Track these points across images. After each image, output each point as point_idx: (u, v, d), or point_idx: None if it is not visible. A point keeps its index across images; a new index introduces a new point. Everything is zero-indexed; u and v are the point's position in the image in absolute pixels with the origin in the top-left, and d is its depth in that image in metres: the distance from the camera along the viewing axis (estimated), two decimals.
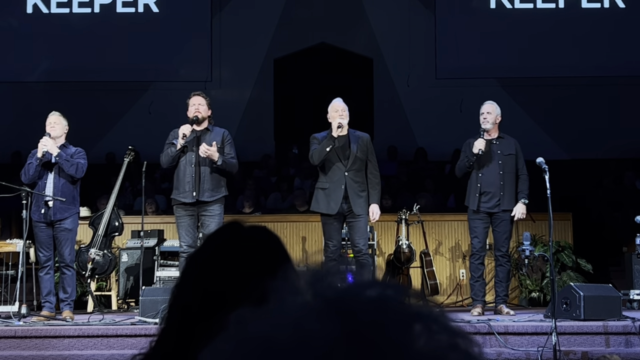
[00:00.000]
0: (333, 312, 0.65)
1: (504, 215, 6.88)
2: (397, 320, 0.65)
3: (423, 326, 0.65)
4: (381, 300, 0.67)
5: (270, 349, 0.63)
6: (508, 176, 6.91)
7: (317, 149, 6.54)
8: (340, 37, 13.47)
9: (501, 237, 6.92)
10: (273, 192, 11.41)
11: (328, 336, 0.63)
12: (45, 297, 6.81)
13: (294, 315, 0.65)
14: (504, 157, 6.91)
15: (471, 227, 6.99)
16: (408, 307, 0.67)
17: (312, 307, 0.66)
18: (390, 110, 13.34)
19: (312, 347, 0.63)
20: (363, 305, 0.66)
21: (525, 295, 8.49)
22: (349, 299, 0.66)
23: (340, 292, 0.68)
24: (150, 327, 5.87)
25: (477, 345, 0.66)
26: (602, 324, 5.91)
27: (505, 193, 6.87)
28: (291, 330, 0.64)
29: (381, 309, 0.66)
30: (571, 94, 12.84)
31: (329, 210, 6.53)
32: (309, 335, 0.63)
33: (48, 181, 6.73)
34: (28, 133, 8.02)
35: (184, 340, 1.27)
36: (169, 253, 8.11)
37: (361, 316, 0.64)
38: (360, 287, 0.69)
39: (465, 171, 6.96)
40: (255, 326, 0.65)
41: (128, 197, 11.06)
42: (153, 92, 13.23)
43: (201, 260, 1.35)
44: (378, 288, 0.68)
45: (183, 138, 6.43)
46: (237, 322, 0.67)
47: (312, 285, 0.68)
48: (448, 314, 0.68)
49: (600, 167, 11.77)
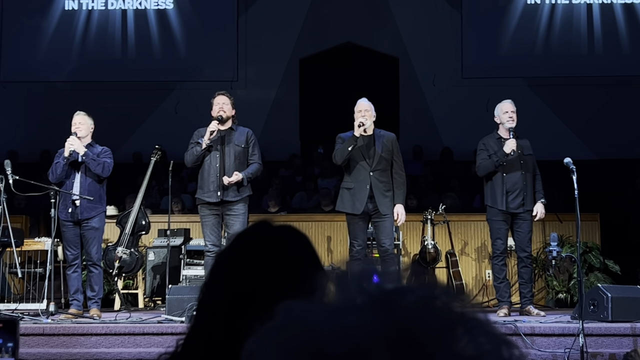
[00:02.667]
0: (378, 308, 0.66)
1: (527, 215, 6.82)
2: (440, 321, 0.65)
3: (465, 329, 0.65)
4: (426, 300, 0.67)
5: (314, 338, 0.65)
6: (529, 176, 6.86)
7: (340, 149, 6.53)
8: (365, 37, 13.45)
9: (525, 237, 6.85)
10: (298, 192, 11.43)
11: (371, 330, 0.64)
12: (73, 295, 6.87)
13: (340, 308, 0.67)
14: (524, 157, 6.86)
15: (493, 229, 6.89)
16: (452, 310, 0.67)
17: (358, 302, 0.67)
18: (416, 110, 13.30)
19: (355, 338, 0.64)
20: (408, 304, 0.67)
21: (552, 296, 8.42)
22: (394, 298, 0.67)
23: (387, 291, 0.69)
24: (176, 326, 5.91)
25: (519, 351, 0.66)
26: (630, 325, 5.85)
27: (527, 193, 6.82)
28: (336, 323, 0.65)
29: (425, 309, 0.66)
30: (599, 93, 12.72)
31: (354, 210, 6.52)
32: (352, 328, 0.64)
33: (75, 180, 6.78)
34: (56, 132, 8.09)
35: (213, 339, 1.27)
36: (195, 252, 8.15)
37: (405, 314, 0.65)
38: (407, 287, 0.70)
39: (490, 170, 6.86)
40: (302, 317, 0.67)
41: (155, 196, 11.14)
42: (179, 91, 13.31)
43: (230, 259, 1.36)
44: (424, 289, 0.69)
45: (210, 135, 6.45)
46: (285, 312, 0.69)
47: (359, 283, 0.69)
48: (491, 319, 0.68)
49: (628, 167, 11.64)
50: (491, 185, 6.88)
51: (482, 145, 6.96)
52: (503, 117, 6.89)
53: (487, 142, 6.92)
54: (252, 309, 1.24)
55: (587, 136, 12.69)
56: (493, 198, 6.86)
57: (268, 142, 11.70)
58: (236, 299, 1.27)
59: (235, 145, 6.62)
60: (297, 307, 0.69)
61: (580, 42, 12.91)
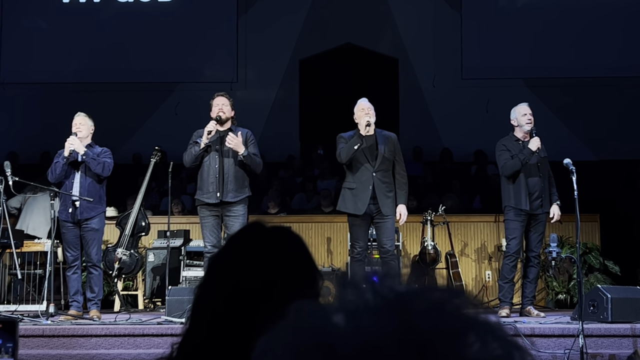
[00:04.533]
0: (391, 310, 0.66)
1: (543, 217, 6.86)
2: (453, 325, 0.65)
3: (478, 334, 0.65)
4: (439, 304, 0.67)
5: (328, 339, 0.65)
6: (545, 178, 6.90)
7: (345, 147, 6.51)
8: (365, 38, 13.45)
9: (537, 238, 6.89)
10: (298, 193, 11.43)
11: (384, 331, 0.64)
12: (73, 296, 6.87)
13: (352, 309, 0.67)
14: (541, 159, 6.88)
15: (510, 228, 6.88)
16: (464, 314, 0.67)
17: (371, 303, 0.67)
18: (416, 111, 13.30)
19: (368, 340, 0.64)
20: (421, 307, 0.67)
21: (552, 297, 8.42)
22: (407, 300, 0.67)
23: (399, 292, 0.69)
24: (176, 327, 5.90)
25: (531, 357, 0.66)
26: (629, 326, 5.85)
27: (545, 195, 6.85)
28: (349, 324, 0.65)
29: (438, 312, 0.66)
30: (599, 94, 12.72)
31: (356, 211, 6.51)
32: (366, 329, 0.65)
33: (75, 181, 6.78)
34: (56, 134, 8.09)
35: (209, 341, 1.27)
36: (195, 253, 8.15)
37: (418, 317, 0.65)
38: (420, 289, 0.70)
39: (517, 169, 6.81)
40: (314, 317, 0.68)
41: (154, 197, 11.13)
42: (179, 93, 13.32)
43: (223, 261, 1.36)
44: (436, 292, 0.69)
45: (208, 135, 6.45)
46: (296, 312, 0.69)
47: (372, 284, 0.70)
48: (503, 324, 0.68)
49: (628, 168, 11.63)
50: (514, 186, 6.85)
51: (503, 146, 6.95)
52: (522, 120, 6.90)
53: (507, 143, 6.93)
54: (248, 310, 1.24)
55: (586, 137, 12.69)
56: (517, 199, 6.81)
57: (268, 143, 11.70)
58: (231, 301, 1.27)
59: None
60: (309, 307, 0.69)
61: (579, 43, 12.91)
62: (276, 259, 1.31)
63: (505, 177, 6.92)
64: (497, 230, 8.79)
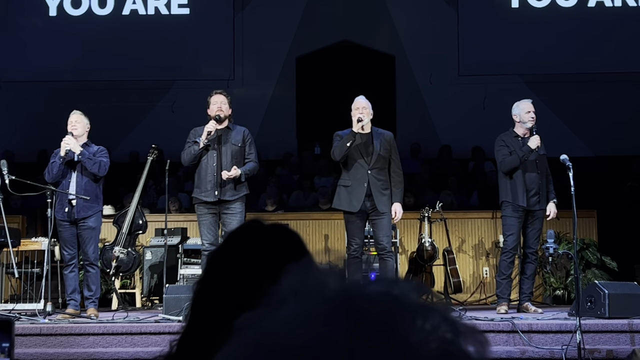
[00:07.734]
0: (338, 311, 0.65)
1: (540, 214, 6.87)
2: (401, 315, 0.65)
3: (426, 321, 0.65)
4: (385, 297, 0.67)
5: (278, 351, 0.64)
6: (543, 175, 6.90)
7: (338, 145, 6.52)
8: (362, 35, 13.45)
9: (534, 234, 6.90)
10: (295, 191, 11.43)
11: (334, 335, 0.63)
12: (70, 294, 6.86)
13: (301, 316, 0.65)
14: (539, 156, 6.88)
15: (508, 225, 6.88)
16: (413, 302, 0.66)
17: (318, 308, 0.66)
18: (413, 108, 13.30)
19: (319, 346, 0.63)
20: (367, 302, 0.66)
21: (549, 293, 8.43)
22: (353, 297, 0.66)
23: (344, 292, 0.68)
24: (174, 325, 5.90)
25: (483, 341, 0.66)
26: (627, 322, 5.86)
27: (542, 192, 6.85)
28: (298, 333, 0.64)
29: (385, 305, 0.65)
30: (595, 90, 12.73)
31: (351, 208, 6.52)
32: (315, 335, 0.63)
33: (71, 180, 6.77)
34: (53, 132, 8.07)
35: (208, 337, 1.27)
36: (193, 251, 8.14)
37: (365, 313, 0.64)
38: (365, 284, 0.69)
39: (516, 165, 6.81)
40: (264, 329, 0.66)
41: (152, 195, 11.13)
42: (176, 91, 13.31)
43: (221, 258, 1.36)
44: (382, 284, 0.68)
45: (208, 135, 6.45)
46: (245, 326, 0.67)
47: (317, 286, 0.69)
48: (453, 309, 0.68)
49: (625, 164, 11.65)
50: (512, 182, 6.85)
51: (502, 142, 6.94)
52: (525, 117, 6.88)
53: (506, 139, 6.92)
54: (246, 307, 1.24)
55: (583, 133, 12.70)
56: (514, 195, 6.81)
57: (265, 141, 11.70)
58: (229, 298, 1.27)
59: (231, 144, 6.62)
60: (258, 320, 0.67)
61: (575, 41, 12.92)
62: (274, 256, 1.31)
63: (502, 172, 6.92)
64: (494, 226, 8.80)
